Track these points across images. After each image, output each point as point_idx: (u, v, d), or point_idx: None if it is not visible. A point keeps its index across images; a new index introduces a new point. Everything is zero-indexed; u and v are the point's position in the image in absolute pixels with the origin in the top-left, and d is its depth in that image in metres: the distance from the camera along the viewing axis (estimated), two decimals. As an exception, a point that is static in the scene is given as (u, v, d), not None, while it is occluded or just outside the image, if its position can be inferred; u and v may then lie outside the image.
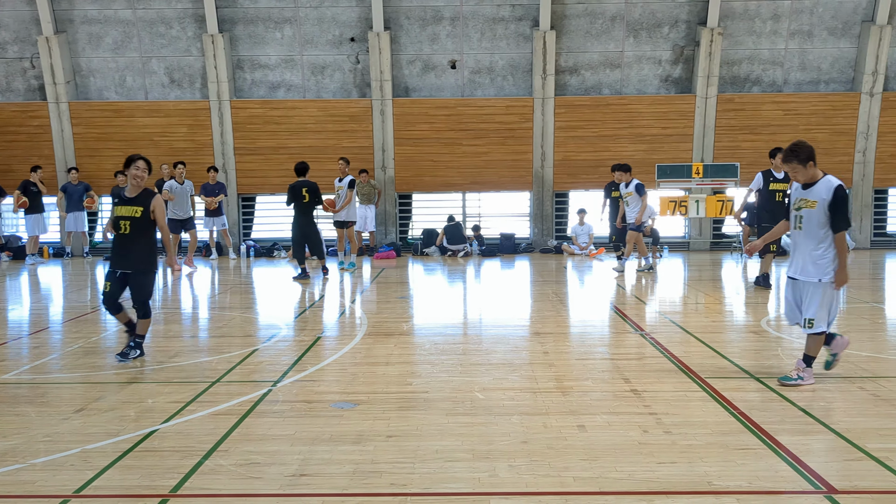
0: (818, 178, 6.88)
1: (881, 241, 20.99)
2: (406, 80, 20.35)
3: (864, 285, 13.35)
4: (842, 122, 20.14)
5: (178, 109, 20.27)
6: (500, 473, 4.82)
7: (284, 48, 20.15)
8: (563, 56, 20.12)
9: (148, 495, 4.51)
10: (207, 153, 20.15)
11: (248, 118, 20.22)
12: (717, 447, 5.25)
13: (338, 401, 6.45)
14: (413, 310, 11.74)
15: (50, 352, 8.71)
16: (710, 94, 19.88)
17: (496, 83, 20.41)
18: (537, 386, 6.89)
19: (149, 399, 6.57)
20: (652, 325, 10.02)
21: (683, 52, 20.12)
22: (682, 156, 20.13)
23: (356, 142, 20.24)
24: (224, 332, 9.92)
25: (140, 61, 20.19)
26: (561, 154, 20.17)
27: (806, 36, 19.95)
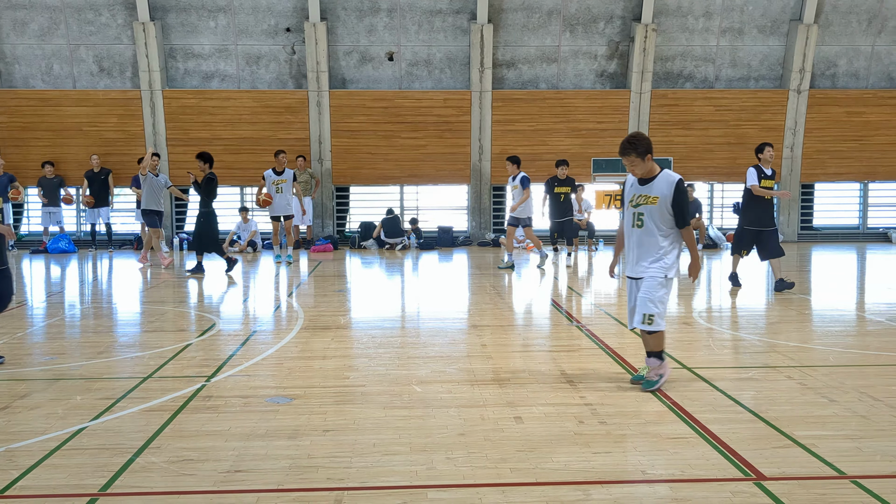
0: (656, 172, 6.55)
1: (807, 234, 21.64)
2: (343, 72, 20.19)
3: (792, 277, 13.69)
4: (770, 118, 20.68)
5: (108, 99, 19.75)
6: (437, 466, 4.82)
7: (218, 37, 19.80)
8: (501, 50, 20.21)
9: (76, 494, 4.38)
10: (139, 144, 19.68)
11: (181, 108, 19.82)
12: (650, 437, 5.33)
13: (273, 395, 6.37)
14: (350, 303, 11.67)
15: (-28, 348, 8.40)
16: (644, 89, 20.19)
17: (434, 76, 20.40)
18: (475, 378, 6.91)
19: (77, 396, 6.38)
20: (588, 318, 10.15)
21: (618, 48, 20.39)
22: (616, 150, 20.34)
23: (292, 133, 20.02)
24: (157, 326, 9.71)
25: (68, 49, 19.60)
26: (498, 147, 20.26)
27: (737, 34, 20.41)
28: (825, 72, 20.84)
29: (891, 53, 20.80)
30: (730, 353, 8.09)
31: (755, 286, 13.17)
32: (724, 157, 20.72)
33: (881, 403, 6.08)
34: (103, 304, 11.90)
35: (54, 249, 18.41)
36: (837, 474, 4.65)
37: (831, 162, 21.09)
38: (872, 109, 20.82)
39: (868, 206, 21.93)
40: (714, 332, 9.15)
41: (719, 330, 9.30)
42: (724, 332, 9.13)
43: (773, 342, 8.47)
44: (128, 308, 11.48)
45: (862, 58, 20.79)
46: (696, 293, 12.49)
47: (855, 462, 4.85)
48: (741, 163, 20.80)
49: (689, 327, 9.55)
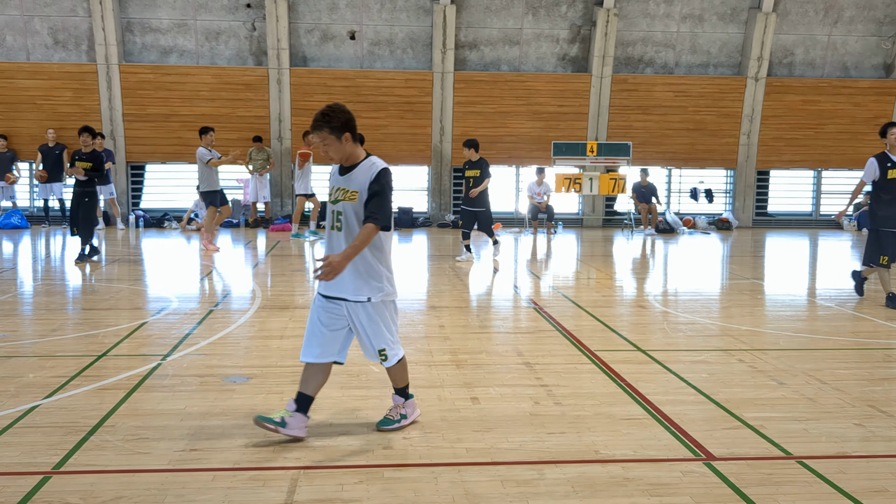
0: (360, 159, 4.96)
1: (762, 220, 22.01)
2: (304, 50, 19.99)
3: (746, 262, 13.97)
4: (729, 105, 20.93)
5: (62, 72, 19.32)
6: (393, 445, 4.85)
7: (177, 12, 19.45)
8: (463, 31, 20.15)
9: (29, 472, 4.34)
10: (94, 119, 19.30)
11: (138, 83, 19.46)
12: (604, 417, 5.42)
13: (230, 375, 6.35)
14: (309, 283, 11.63)
15: (-80, 325, 8.24)
16: (605, 73, 20.30)
17: (395, 56, 20.28)
18: (432, 359, 6.95)
19: (30, 374, 6.30)
20: (545, 300, 10.24)
21: (580, 32, 20.46)
22: (577, 134, 20.53)
23: (251, 111, 19.79)
24: (111, 304, 9.58)
25: (21, 20, 19.12)
26: (459, 129, 20.25)
27: (697, 20, 20.59)
28: (782, 60, 21.15)
29: (846, 43, 21.16)
30: (684, 336, 8.23)
31: (710, 271, 13.37)
32: (683, 143, 20.96)
33: (828, 386, 6.25)
34: (56, 281, 11.70)
35: (6, 225, 18.03)
36: (784, 455, 4.78)
37: (786, 149, 21.44)
38: (828, 98, 21.18)
39: (821, 193, 22.35)
40: (669, 316, 9.29)
41: (674, 314, 9.45)
42: (679, 316, 9.29)
43: (726, 326, 8.64)
44: (82, 286, 11.31)
45: (818, 47, 21.12)
46: (651, 276, 12.64)
47: (801, 443, 4.98)
48: (699, 148, 21.09)
49: (644, 310, 9.69)
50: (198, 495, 4.09)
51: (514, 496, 4.14)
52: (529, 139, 20.55)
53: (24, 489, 4.12)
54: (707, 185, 21.45)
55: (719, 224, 21.07)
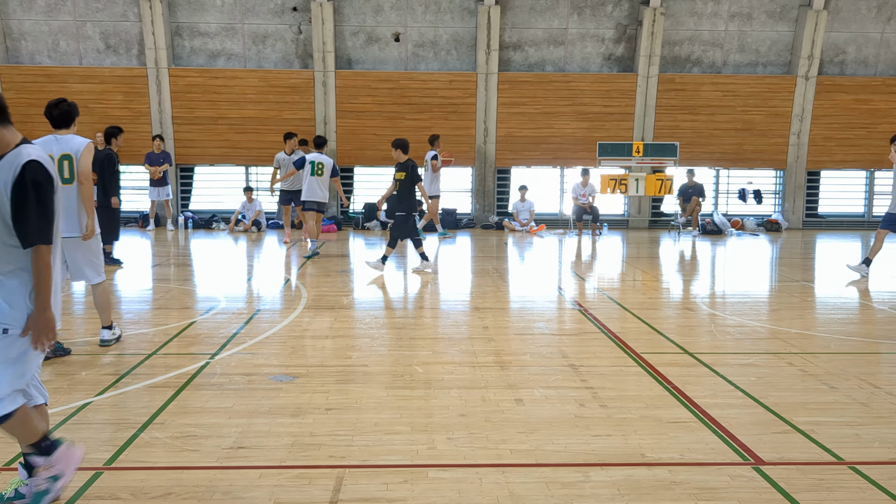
0: (10, 146, 3.73)
1: (812, 221, 21.61)
2: (349, 52, 20.13)
3: (796, 264, 13.72)
4: (778, 104, 20.59)
5: (113, 76, 19.72)
6: (438, 446, 4.86)
7: (225, 16, 19.73)
8: (508, 32, 20.12)
9: (82, 468, 4.43)
10: (145, 122, 19.67)
11: (187, 87, 19.78)
12: (650, 420, 5.37)
13: (276, 374, 6.41)
14: (353, 284, 11.70)
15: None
16: (651, 73, 20.11)
17: (440, 57, 20.33)
18: (476, 360, 6.94)
19: (82, 371, 6.44)
20: (590, 302, 10.17)
21: (626, 31, 20.30)
22: (623, 134, 20.36)
23: (297, 114, 19.98)
24: (161, 303, 9.75)
25: (74, 25, 19.56)
26: (503, 130, 20.22)
27: (745, 18, 20.29)
28: (833, 58, 20.74)
29: (900, 41, 20.67)
30: (731, 339, 8.11)
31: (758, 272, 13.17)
32: (731, 143, 20.66)
33: (881, 391, 6.11)
34: (108, 281, 11.93)
35: (59, 226, 18.45)
36: (836, 460, 4.69)
37: (838, 150, 21.02)
38: (880, 97, 20.72)
39: (874, 194, 21.86)
40: (717, 318, 9.17)
41: (722, 316, 9.32)
42: (727, 318, 9.15)
43: (775, 329, 8.49)
44: (133, 285, 11.52)
45: (871, 45, 20.67)
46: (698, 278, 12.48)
47: (854, 448, 4.88)
48: (747, 148, 20.78)
49: (691, 313, 9.57)
50: (245, 493, 4.14)
51: (558, 498, 4.11)
52: (574, 140, 20.43)
53: (77, 484, 4.21)
54: (756, 185, 21.12)
55: (768, 225, 20.73)
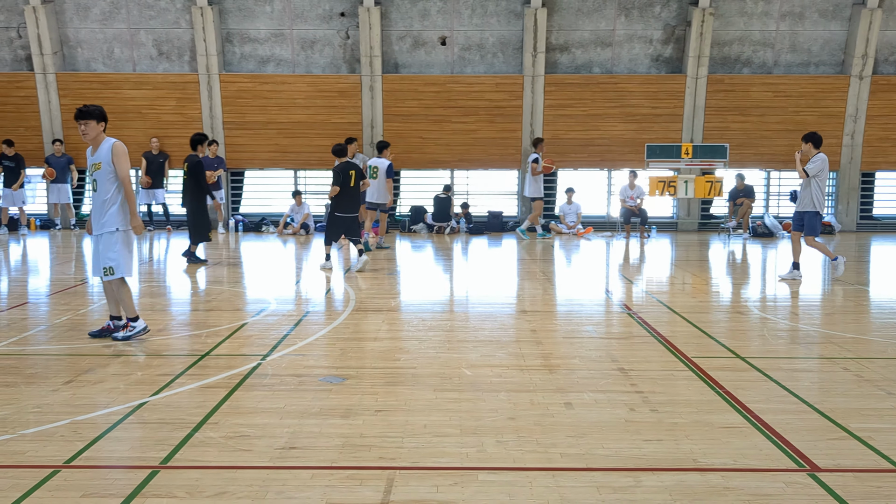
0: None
1: (867, 224, 21.13)
2: (396, 56, 20.24)
3: (850, 267, 13.44)
4: (831, 104, 20.19)
5: (166, 82, 20.09)
6: (487, 449, 4.86)
7: (274, 22, 19.98)
8: (554, 34, 20.05)
9: (138, 466, 4.53)
10: (196, 127, 19.99)
11: (238, 92, 20.07)
12: (702, 425, 5.31)
13: (326, 375, 6.48)
14: (400, 286, 11.76)
15: (38, 324, 8.70)
16: (700, 74, 19.87)
17: (486, 60, 20.33)
18: (524, 363, 6.94)
19: (138, 372, 6.58)
20: (639, 305, 10.09)
21: (675, 32, 20.09)
22: (671, 136, 20.15)
23: (345, 118, 20.14)
24: (213, 305, 9.92)
25: (128, 33, 19.98)
26: (550, 132, 20.15)
27: (797, 18, 19.94)
28: (889, 57, 20.27)
29: (959, 38, 20.13)
30: (784, 343, 7.99)
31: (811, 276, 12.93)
32: (782, 145, 20.29)
33: (941, 397, 5.96)
34: (161, 282, 12.18)
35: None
36: (894, 467, 4.59)
37: (893, 150, 20.52)
38: (938, 96, 20.19)
39: (931, 195, 21.32)
40: (768, 322, 9.03)
41: (774, 320, 9.17)
42: (779, 322, 9.01)
43: (829, 333, 8.34)
44: (185, 287, 11.73)
45: (928, 43, 20.16)
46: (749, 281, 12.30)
47: (912, 456, 4.77)
48: (799, 150, 20.37)
49: (743, 316, 9.44)
50: (297, 493, 4.20)
51: (610, 503, 4.09)
52: (622, 142, 20.28)
53: (134, 482, 4.31)
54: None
55: (821, 228, 20.31)
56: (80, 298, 10.18)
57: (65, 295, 10.44)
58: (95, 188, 7.52)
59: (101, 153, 7.43)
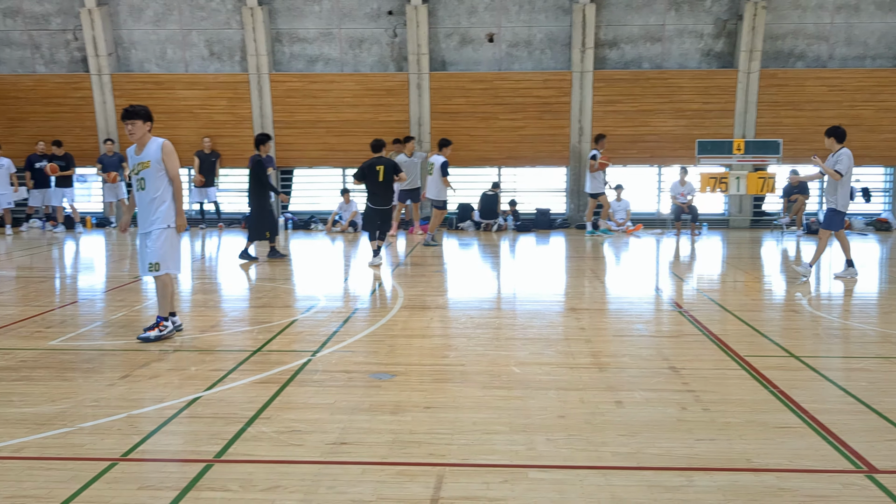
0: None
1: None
2: (443, 54, 20.26)
3: (908, 265, 13.12)
4: (888, 98, 19.69)
5: (217, 82, 20.39)
6: (537, 447, 4.85)
7: (323, 21, 20.14)
8: (603, 29, 19.89)
9: (193, 460, 4.61)
10: (247, 126, 20.27)
11: (287, 92, 20.28)
12: (756, 425, 5.23)
13: (375, 371, 6.52)
14: (448, 283, 11.78)
15: (94, 319, 8.90)
16: (752, 68, 19.54)
17: (534, 57, 20.24)
18: (574, 361, 6.90)
19: (192, 367, 6.69)
20: (690, 303, 9.96)
21: (726, 26, 19.78)
22: (722, 131, 19.84)
23: (392, 116, 20.23)
24: (264, 302, 10.04)
25: (180, 34, 20.31)
26: (599, 129, 19.97)
27: (853, 10, 19.49)
28: (950, 49, 19.71)
29: None
30: (840, 342, 7.82)
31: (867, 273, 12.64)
32: (837, 140, 19.84)
33: None
34: (213, 279, 12.37)
35: (166, 227, 19.16)
36: (956, 470, 4.47)
37: (954, 144, 19.96)
38: None
39: None
40: (823, 321, 8.85)
41: (829, 318, 8.99)
42: (834, 321, 8.83)
43: (887, 332, 8.14)
44: (237, 284, 11.90)
45: None
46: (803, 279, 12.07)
47: (976, 459, 4.64)
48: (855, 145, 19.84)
49: (796, 315, 9.26)
50: (349, 487, 4.23)
51: (662, 502, 4.05)
52: (672, 138, 20.03)
53: (189, 475, 4.38)
54: (864, 183, 20.25)
55: (877, 224, 19.86)
56: (135, 295, 10.38)
57: (120, 291, 10.66)
58: (143, 186, 7.58)
59: (148, 152, 7.53)
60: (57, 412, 5.46)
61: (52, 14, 20.27)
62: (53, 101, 20.54)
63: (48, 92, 20.53)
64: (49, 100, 20.53)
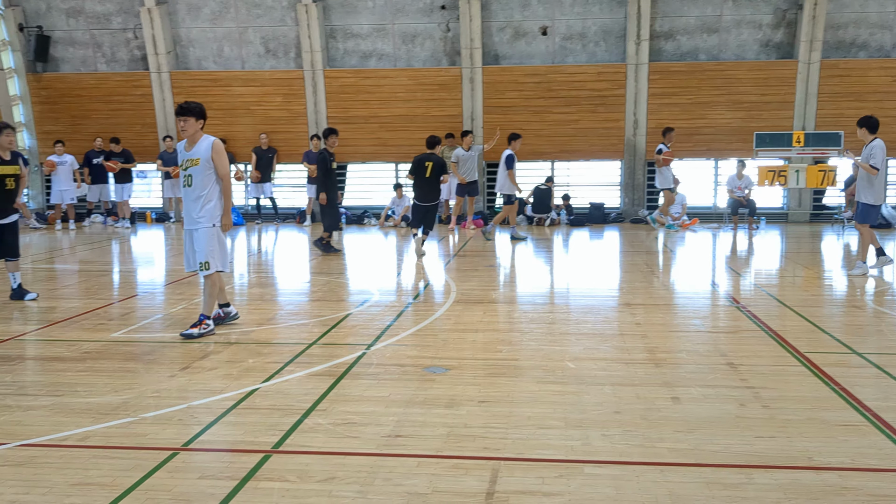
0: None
1: None
2: (496, 48, 20.21)
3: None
4: (955, 88, 19.08)
5: (273, 79, 20.65)
6: (593, 442, 4.82)
7: (376, 17, 20.25)
8: (658, 21, 19.63)
9: (252, 450, 4.69)
10: (301, 122, 20.50)
11: (341, 87, 20.44)
12: (817, 423, 5.12)
13: (430, 365, 6.54)
14: (501, 278, 11.76)
15: (154, 312, 9.09)
16: (812, 59, 19.10)
17: (588, 49, 20.08)
18: (629, 357, 6.84)
19: (249, 359, 6.80)
20: (747, 298, 9.79)
21: (785, 16, 19.36)
22: (781, 124, 19.44)
23: (445, 110, 20.25)
24: (319, 296, 10.15)
25: (237, 31, 20.61)
26: (654, 122, 19.74)
27: (919, -3, 18.92)
28: None
29: None
30: (905, 339, 7.61)
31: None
32: (902, 131, 19.31)
33: None
34: (269, 274, 12.54)
35: (223, 222, 19.46)
36: None
37: None
38: None
39: None
40: (886, 317, 8.62)
41: (892, 314, 8.76)
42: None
43: (955, 329, 7.90)
44: (292, 278, 12.05)
45: None
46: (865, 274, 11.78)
47: None
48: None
49: (858, 311, 9.05)
50: (404, 480, 4.26)
51: (720, 500, 3.99)
52: (729, 130, 19.69)
53: (248, 465, 4.46)
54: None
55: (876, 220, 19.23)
56: (194, 288, 10.57)
57: (178, 285, 10.88)
58: (190, 183, 7.57)
59: (199, 149, 7.54)
60: (120, 402, 5.60)
61: (113, 13, 20.73)
62: (114, 99, 21.03)
63: (109, 90, 21.03)
64: (110, 97, 21.03)
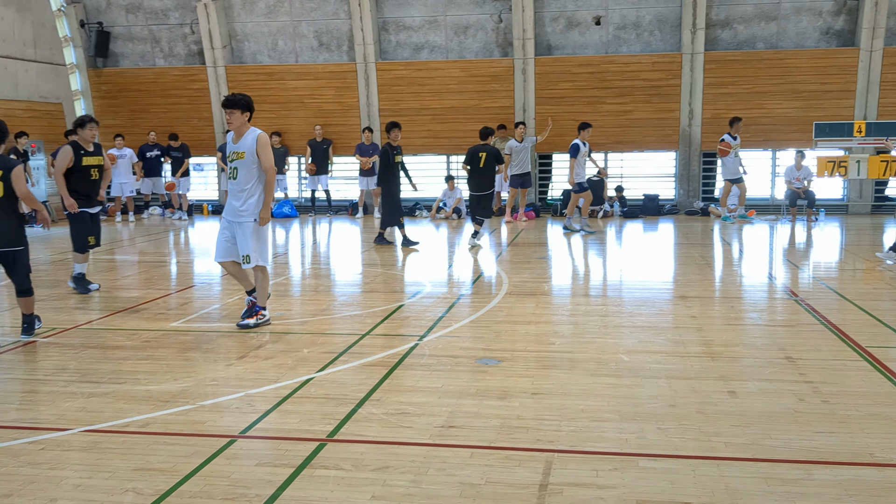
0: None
1: None
2: (548, 38, 20.07)
3: None
4: None
5: (326, 72, 20.80)
6: (647, 435, 4.78)
7: (428, 9, 20.25)
8: (715, 9, 19.28)
9: (307, 439, 4.76)
10: (354, 115, 20.63)
11: (393, 80, 20.51)
12: (879, 418, 5.01)
13: (482, 357, 6.55)
14: (553, 270, 11.70)
15: (212, 302, 9.26)
16: (875, 46, 18.57)
17: (642, 39, 19.82)
18: (684, 350, 6.76)
19: (304, 349, 6.89)
20: (806, 291, 9.60)
21: (846, 3, 18.86)
22: (842, 113, 18.95)
23: (497, 102, 20.18)
24: (371, 287, 10.23)
25: (291, 25, 20.81)
26: (710, 112, 19.42)
27: None
28: None
29: None
30: (972, 334, 7.39)
31: None
32: (969, 120, 18.70)
33: None
34: (323, 265, 12.67)
35: (278, 214, 19.72)
36: None
37: None
38: None
39: None
40: (953, 312, 8.37)
41: (960, 309, 8.50)
42: (966, 312, 8.34)
43: None
44: (345, 270, 12.15)
45: None
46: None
47: None
48: None
49: (923, 305, 8.80)
50: (458, 470, 4.28)
51: (779, 495, 3.93)
52: (787, 120, 19.27)
53: (304, 453, 4.52)
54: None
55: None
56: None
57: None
58: (235, 176, 7.59)
59: (245, 143, 7.51)
60: (180, 390, 5.72)
61: (170, 9, 21.09)
62: (172, 94, 21.40)
63: (167, 84, 21.41)
64: (168, 92, 21.41)
